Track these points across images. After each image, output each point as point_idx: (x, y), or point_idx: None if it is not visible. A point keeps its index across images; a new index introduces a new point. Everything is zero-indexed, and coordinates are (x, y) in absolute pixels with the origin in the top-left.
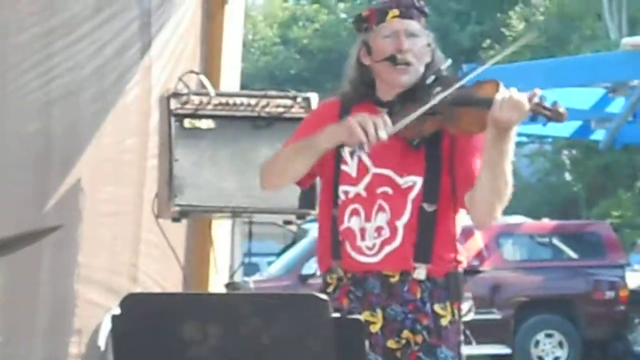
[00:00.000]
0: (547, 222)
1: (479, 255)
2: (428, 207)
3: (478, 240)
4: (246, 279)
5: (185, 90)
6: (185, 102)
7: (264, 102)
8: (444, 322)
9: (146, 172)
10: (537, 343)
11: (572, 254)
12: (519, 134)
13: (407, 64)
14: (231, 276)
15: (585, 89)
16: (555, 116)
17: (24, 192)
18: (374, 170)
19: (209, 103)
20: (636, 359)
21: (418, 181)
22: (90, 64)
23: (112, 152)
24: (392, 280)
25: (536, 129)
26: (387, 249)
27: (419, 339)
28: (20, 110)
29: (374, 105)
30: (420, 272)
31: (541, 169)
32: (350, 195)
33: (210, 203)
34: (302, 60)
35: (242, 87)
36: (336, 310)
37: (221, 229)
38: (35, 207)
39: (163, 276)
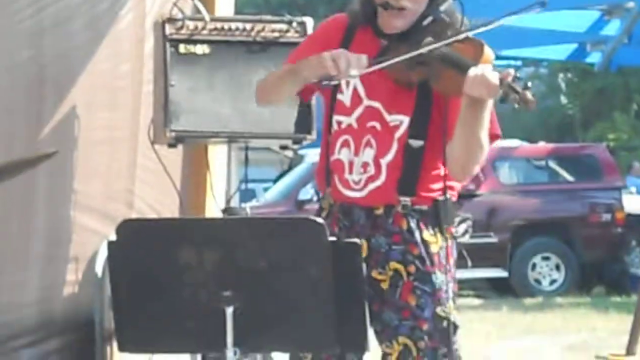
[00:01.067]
0: (543, 146)
1: (475, 179)
2: (414, 143)
3: None
4: (243, 205)
5: (180, 16)
6: (180, 28)
7: (259, 26)
8: (435, 248)
9: (141, 98)
10: (533, 266)
11: (569, 177)
12: (514, 58)
13: (401, 8)
14: (228, 202)
15: (581, 11)
16: (523, 102)
17: (17, 120)
18: (366, 102)
19: (204, 28)
20: (632, 281)
21: (405, 120)
22: None
23: (106, 79)
24: (377, 212)
25: (531, 52)
26: (372, 185)
27: (412, 268)
28: (11, 38)
29: (375, 35)
30: (404, 205)
31: (537, 92)
32: (343, 126)
33: (206, 128)
34: None
35: (236, 13)
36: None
37: (217, 155)
38: (29, 135)
39: (159, 202)
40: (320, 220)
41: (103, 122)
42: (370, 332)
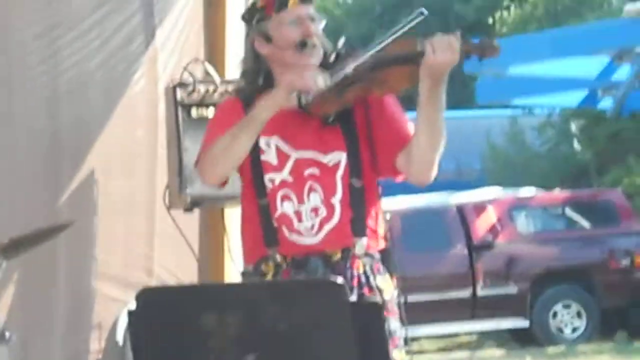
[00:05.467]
0: (558, 193)
1: (493, 230)
2: (356, 183)
3: (491, 215)
4: None
5: (191, 80)
6: (192, 92)
7: None
8: (387, 295)
9: (157, 163)
10: (555, 314)
11: (586, 224)
12: (525, 106)
13: (315, 47)
14: None
15: (590, 57)
16: (488, 49)
17: (35, 189)
18: (295, 154)
19: (215, 91)
20: None
21: (342, 157)
22: (96, 57)
23: (122, 145)
24: (335, 258)
25: (543, 100)
26: (327, 227)
27: None
28: (28, 106)
29: None
30: (359, 247)
31: (550, 139)
32: (277, 183)
33: (221, 192)
34: None
35: None
36: None
37: (234, 217)
38: (48, 204)
39: (178, 267)
40: (340, 280)
41: (120, 189)
42: None
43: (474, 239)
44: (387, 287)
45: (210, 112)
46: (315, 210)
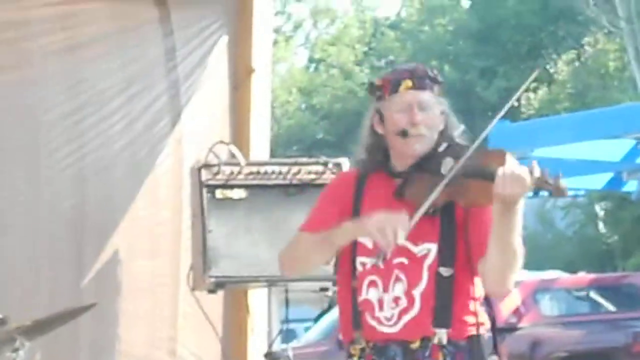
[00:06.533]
0: (583, 276)
1: (517, 312)
2: (445, 272)
3: (515, 297)
4: (284, 346)
5: (215, 161)
6: (217, 173)
7: (295, 169)
8: None
9: (181, 244)
10: None
11: (611, 307)
12: None
13: (420, 135)
14: (270, 345)
15: (615, 140)
16: (556, 191)
17: (59, 269)
18: None
19: (240, 173)
20: None
21: (433, 248)
22: (122, 138)
23: (146, 226)
24: (413, 346)
25: (568, 182)
26: (406, 318)
27: None
28: (53, 186)
29: (389, 176)
30: (440, 337)
31: (576, 221)
32: (367, 267)
33: (245, 273)
34: (325, 124)
35: (272, 156)
36: None
37: (258, 298)
38: (72, 284)
39: (201, 348)
40: None
41: (144, 269)
42: None
43: (497, 321)
44: None
45: (234, 194)
46: (396, 300)
